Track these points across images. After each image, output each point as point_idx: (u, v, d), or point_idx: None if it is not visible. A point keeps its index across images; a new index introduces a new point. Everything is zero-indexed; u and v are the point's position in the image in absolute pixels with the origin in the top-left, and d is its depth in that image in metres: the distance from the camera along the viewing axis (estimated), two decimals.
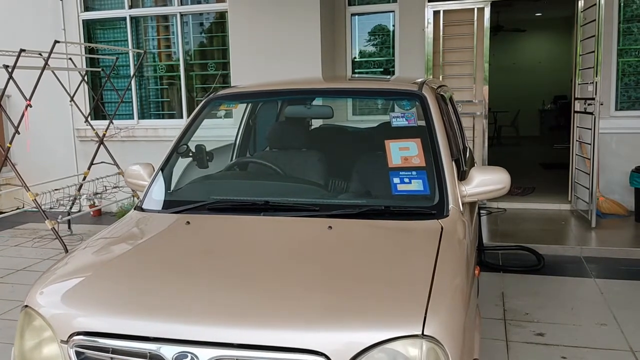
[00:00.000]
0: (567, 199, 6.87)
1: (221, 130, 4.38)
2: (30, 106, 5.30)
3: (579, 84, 6.54)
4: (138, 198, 6.64)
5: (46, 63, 5.48)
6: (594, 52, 5.89)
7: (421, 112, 2.88)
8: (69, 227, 6.56)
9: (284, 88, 3.36)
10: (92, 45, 7.20)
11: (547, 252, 5.24)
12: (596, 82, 5.84)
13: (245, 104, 4.02)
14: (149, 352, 1.81)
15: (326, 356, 1.71)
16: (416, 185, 2.59)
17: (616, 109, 6.65)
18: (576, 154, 6.62)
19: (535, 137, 14.02)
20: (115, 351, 1.85)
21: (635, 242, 5.53)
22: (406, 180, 2.61)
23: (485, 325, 3.62)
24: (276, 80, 3.57)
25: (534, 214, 6.68)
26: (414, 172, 2.62)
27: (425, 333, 1.73)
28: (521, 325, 3.80)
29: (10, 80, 5.26)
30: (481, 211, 6.23)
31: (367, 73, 7.48)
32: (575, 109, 6.60)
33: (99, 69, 7.65)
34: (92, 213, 7.19)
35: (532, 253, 5.22)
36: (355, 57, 7.42)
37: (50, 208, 5.81)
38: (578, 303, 4.18)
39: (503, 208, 6.82)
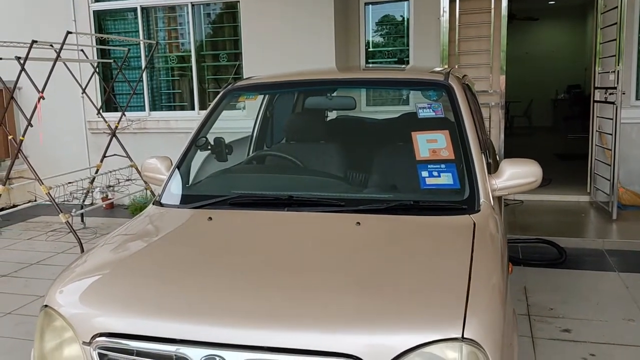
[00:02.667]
0: (585, 190, 6.75)
1: (234, 122, 4.30)
2: (43, 98, 5.23)
3: (599, 73, 6.40)
4: (151, 191, 6.62)
5: (58, 54, 5.40)
6: (615, 40, 5.75)
7: (448, 102, 2.78)
8: (82, 221, 6.52)
9: (305, 79, 3.26)
10: (104, 36, 7.11)
11: (568, 245, 5.13)
12: (618, 71, 5.70)
13: (262, 96, 3.94)
14: (175, 355, 1.74)
15: None
16: (445, 179, 2.50)
17: (637, 99, 6.51)
18: (596, 145, 6.49)
19: (548, 127, 13.84)
20: (139, 353, 1.78)
21: None
22: (435, 173, 2.51)
23: None
24: (295, 70, 3.48)
25: (552, 206, 6.56)
26: (442, 165, 2.53)
27: (465, 336, 1.65)
28: (546, 321, 3.71)
29: (22, 73, 5.19)
30: None
31: (380, 63, 7.36)
32: (595, 99, 6.46)
33: (111, 61, 7.57)
34: (104, 206, 7.14)
35: (553, 246, 5.11)
36: (368, 47, 7.30)
37: (64, 201, 5.75)
38: (603, 298, 4.08)
39: (520, 200, 6.71)
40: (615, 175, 5.88)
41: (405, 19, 7.15)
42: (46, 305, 2.03)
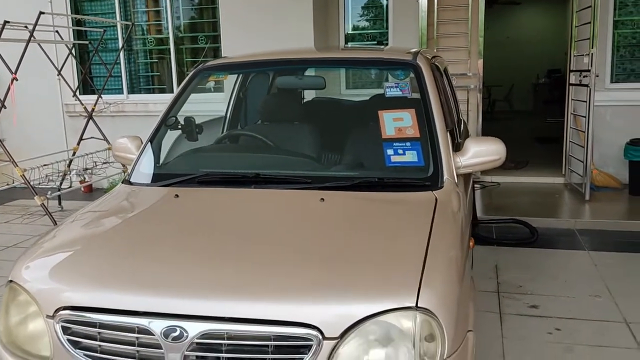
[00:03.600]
0: (560, 173, 6.85)
1: (213, 105, 4.30)
2: (16, 79, 5.18)
3: (574, 56, 6.47)
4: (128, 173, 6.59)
5: (31, 35, 5.34)
6: (590, 23, 5.81)
7: (415, 81, 2.82)
8: (60, 204, 6.49)
9: (275, 58, 3.28)
10: (79, 16, 7.02)
11: (541, 225, 5.22)
12: (592, 54, 5.76)
13: (235, 76, 3.95)
14: (137, 327, 1.77)
15: (318, 329, 1.67)
16: (410, 157, 2.54)
17: (611, 82, 6.60)
18: (570, 127, 6.58)
19: (528, 112, 13.95)
20: (102, 326, 1.81)
21: (629, 215, 5.54)
22: (400, 151, 2.55)
23: (478, 297, 3.60)
24: (267, 50, 3.49)
25: (527, 188, 6.66)
26: (407, 143, 2.57)
27: (419, 305, 1.70)
28: (514, 298, 3.79)
29: None
30: (475, 185, 6.20)
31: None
32: (570, 82, 6.54)
33: (86, 42, 7.49)
34: (82, 189, 7.10)
35: (526, 226, 5.20)
36: (348, 32, 7.29)
37: (39, 184, 5.72)
38: (571, 275, 4.18)
39: (497, 182, 6.79)
40: (589, 157, 5.97)
41: (385, 2, 7.14)
42: (11, 281, 2.05)
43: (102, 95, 6.85)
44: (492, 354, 3.10)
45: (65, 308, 1.86)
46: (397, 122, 2.63)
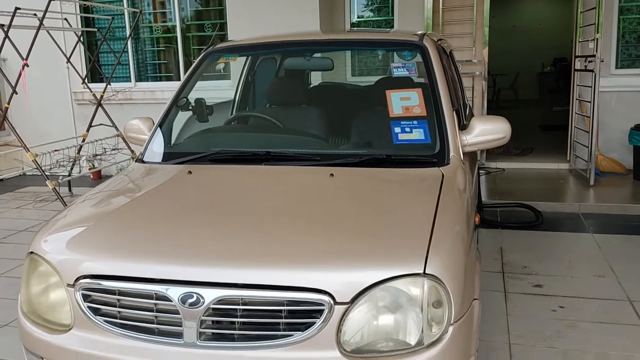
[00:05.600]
0: (565, 159, 6.88)
1: (220, 92, 4.37)
2: (27, 65, 5.24)
3: (579, 42, 6.48)
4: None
5: (41, 23, 5.39)
6: (595, 8, 5.82)
7: (422, 62, 2.87)
8: (70, 189, 6.58)
9: (284, 40, 3.33)
10: (87, 2, 7.07)
11: (546, 209, 5.28)
12: (597, 39, 5.78)
13: (244, 60, 4.00)
14: (155, 293, 1.83)
15: (330, 294, 1.73)
16: (417, 135, 2.60)
17: (616, 67, 6.62)
18: (576, 113, 6.60)
19: (534, 100, 13.95)
20: (121, 293, 1.87)
21: (633, 199, 5.57)
22: (407, 129, 2.61)
23: (484, 277, 3.66)
24: (275, 33, 3.54)
25: (532, 174, 6.70)
26: (415, 122, 2.62)
27: (427, 272, 1.76)
28: (519, 278, 3.85)
29: (5, 41, 5.18)
30: (480, 171, 6.24)
31: None
32: (576, 67, 6.56)
33: (95, 30, 7.54)
34: (92, 176, 7.18)
35: (531, 210, 5.25)
36: (353, 20, 7.32)
37: (50, 168, 5.80)
38: (576, 256, 4.23)
39: (502, 168, 6.83)
40: (594, 143, 6.00)
41: None
42: (32, 252, 2.12)
43: (111, 83, 6.91)
44: (497, 331, 3.16)
45: (85, 277, 1.92)
46: (404, 102, 2.68)
